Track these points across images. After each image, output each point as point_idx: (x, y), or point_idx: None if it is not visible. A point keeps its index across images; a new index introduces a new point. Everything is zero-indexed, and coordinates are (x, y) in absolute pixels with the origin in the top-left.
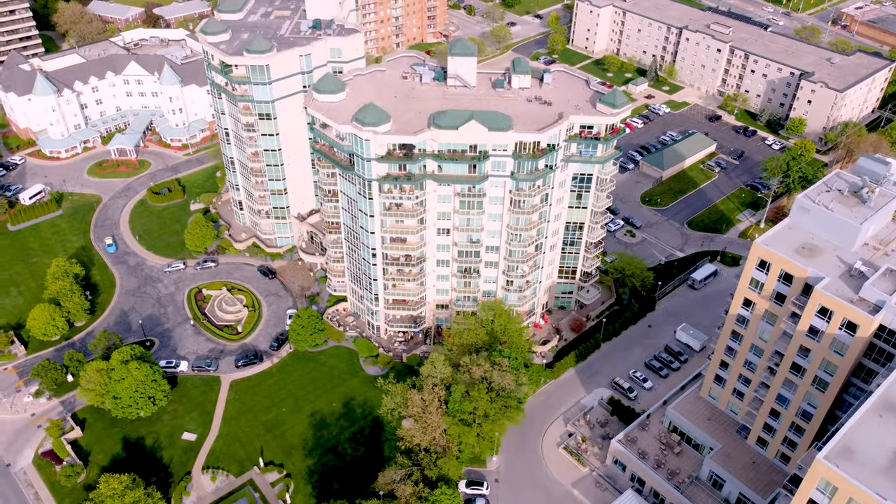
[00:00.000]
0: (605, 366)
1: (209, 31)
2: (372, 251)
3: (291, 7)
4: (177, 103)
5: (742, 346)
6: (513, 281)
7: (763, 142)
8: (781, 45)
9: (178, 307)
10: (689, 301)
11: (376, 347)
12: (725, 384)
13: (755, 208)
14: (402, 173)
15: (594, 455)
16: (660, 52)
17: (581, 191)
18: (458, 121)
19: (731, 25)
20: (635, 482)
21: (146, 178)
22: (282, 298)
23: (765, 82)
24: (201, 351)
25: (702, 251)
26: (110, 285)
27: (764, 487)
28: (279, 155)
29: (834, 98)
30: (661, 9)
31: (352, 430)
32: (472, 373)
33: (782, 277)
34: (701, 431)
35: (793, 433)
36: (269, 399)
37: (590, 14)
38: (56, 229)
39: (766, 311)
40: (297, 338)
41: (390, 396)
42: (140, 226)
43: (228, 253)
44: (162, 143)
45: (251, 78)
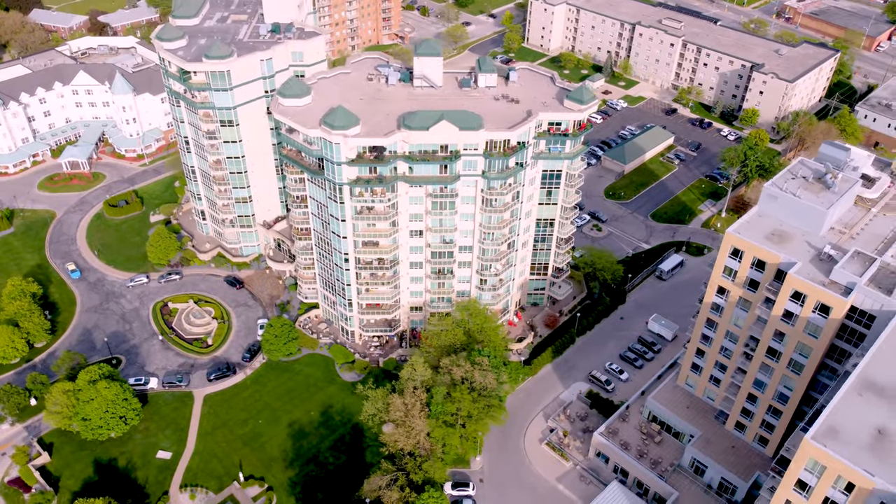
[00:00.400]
0: (580, 360)
1: (165, 37)
2: (344, 256)
3: (248, 11)
4: (130, 113)
5: (717, 333)
6: (486, 280)
7: (719, 133)
8: (731, 38)
9: (143, 322)
10: (657, 292)
11: (352, 353)
12: (702, 372)
13: (716, 198)
14: (372, 176)
15: (576, 449)
16: (614, 48)
17: (550, 187)
18: (429, 121)
19: (683, 20)
20: (619, 473)
21: (101, 190)
22: (251, 308)
23: (717, 75)
24: (171, 366)
25: (667, 242)
26: (70, 303)
27: (744, 470)
28: (243, 162)
29: (785, 88)
30: (613, 5)
31: (332, 438)
32: (453, 374)
33: (755, 264)
34: (680, 419)
35: (770, 416)
36: (245, 412)
37: (544, 12)
38: (8, 248)
39: (739, 298)
40: (270, 347)
41: (370, 402)
42: (98, 240)
43: (193, 264)
44: (116, 155)
45: (211, 84)
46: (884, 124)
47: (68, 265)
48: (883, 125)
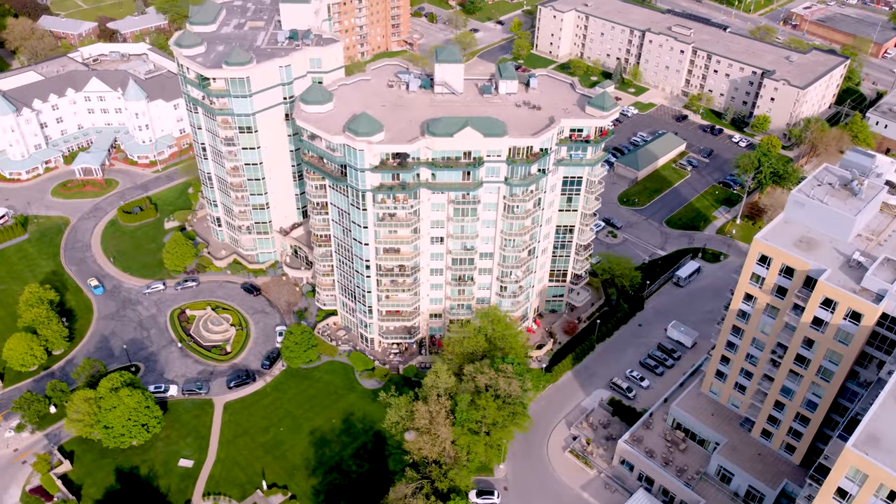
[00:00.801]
0: (600, 367)
1: (184, 43)
2: (366, 263)
3: (265, 18)
4: (143, 119)
5: (743, 340)
6: (506, 287)
7: (730, 139)
8: (741, 45)
9: (161, 329)
10: (675, 298)
11: (371, 360)
12: (727, 379)
13: (729, 205)
14: (395, 183)
15: (600, 457)
16: (623, 54)
17: (571, 194)
18: (454, 128)
19: (692, 27)
20: (643, 481)
21: (115, 197)
22: (269, 315)
23: (727, 81)
24: (190, 373)
25: (683, 249)
26: (87, 310)
27: (772, 478)
28: (260, 168)
29: (796, 95)
30: (622, 12)
31: (354, 446)
32: (477, 381)
33: (783, 271)
34: (705, 427)
35: (798, 423)
36: (266, 419)
37: (553, 19)
38: (23, 254)
39: (767, 305)
40: (290, 355)
41: (394, 410)
42: (113, 247)
43: (209, 271)
44: (128, 161)
45: (231, 91)
46: (894, 131)
47: (90, 281)
48: (894, 131)
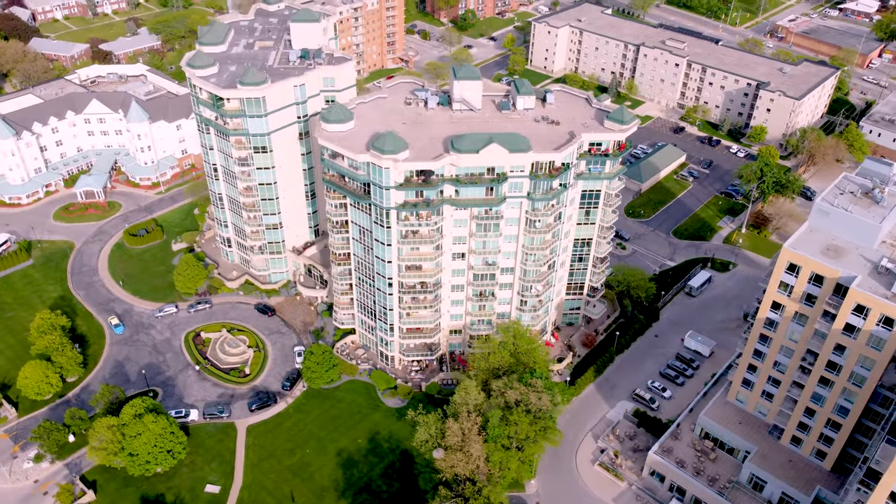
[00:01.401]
0: (621, 378)
1: (197, 64)
2: (388, 281)
3: (273, 38)
4: (145, 141)
5: (771, 348)
6: (527, 301)
7: (728, 150)
8: (734, 57)
9: (176, 353)
10: (688, 308)
11: (393, 379)
12: (754, 387)
13: (733, 214)
14: (419, 200)
15: (629, 469)
16: (618, 68)
17: (589, 207)
18: (479, 144)
19: (685, 41)
20: (675, 492)
21: (118, 220)
22: (285, 335)
23: (723, 93)
24: (210, 397)
25: (692, 259)
26: (98, 335)
27: (805, 485)
28: (275, 188)
29: (792, 105)
30: (615, 27)
31: (382, 465)
32: (507, 396)
33: (812, 279)
34: (734, 435)
35: (829, 429)
36: (291, 441)
37: (548, 35)
38: (29, 280)
39: (796, 313)
40: (311, 375)
41: (423, 428)
42: (121, 270)
43: (221, 292)
44: (130, 183)
45: (246, 111)
46: (888, 139)
47: (111, 319)
48: (888, 140)
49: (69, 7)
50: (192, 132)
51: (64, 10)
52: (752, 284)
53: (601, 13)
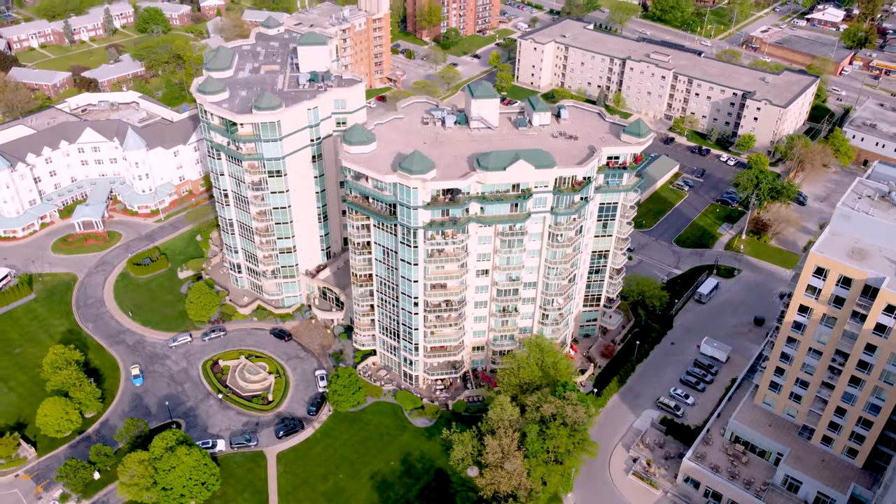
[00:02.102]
0: (643, 387)
1: (208, 90)
2: (414, 300)
3: (278, 61)
4: (143, 168)
5: (799, 350)
6: (548, 314)
7: (718, 159)
8: (717, 68)
9: (195, 383)
10: (699, 315)
11: (419, 398)
12: (781, 390)
13: (731, 221)
14: (446, 218)
15: (662, 476)
16: (605, 82)
17: (607, 219)
18: (505, 161)
19: (669, 53)
20: (710, 497)
21: (120, 249)
22: (304, 360)
23: (709, 104)
24: (235, 426)
25: (697, 266)
26: (113, 368)
27: (839, 483)
28: (289, 212)
29: (779, 114)
30: (599, 42)
31: (418, 487)
32: (543, 411)
33: (840, 282)
34: (766, 438)
35: (860, 428)
36: (323, 467)
37: (534, 51)
38: (33, 314)
39: (824, 316)
40: (338, 398)
41: (460, 446)
42: (129, 301)
43: (234, 319)
44: (128, 212)
45: (261, 135)
46: (871, 143)
47: (132, 369)
48: (871, 144)
49: (45, 35)
50: (189, 158)
51: (40, 38)
52: (757, 289)
53: (583, 28)
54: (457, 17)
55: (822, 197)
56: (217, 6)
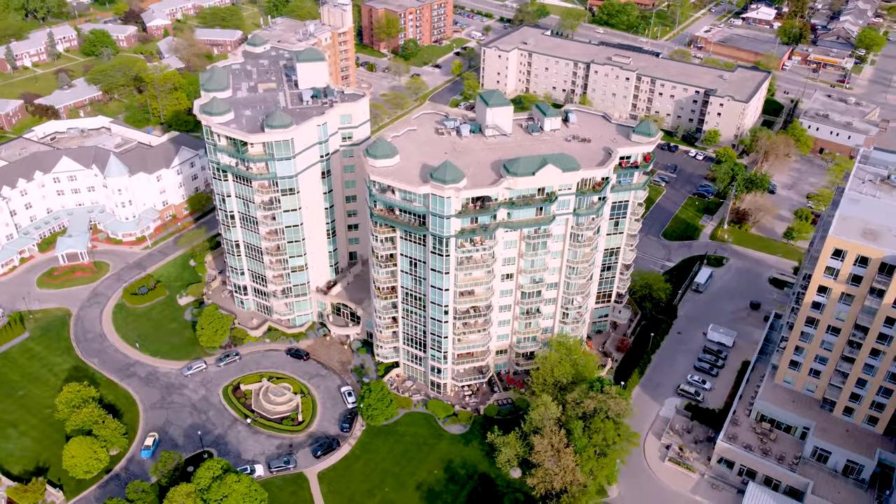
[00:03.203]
0: (661, 377)
1: (214, 111)
2: (444, 308)
3: (273, 79)
4: (126, 195)
5: (818, 329)
6: (568, 313)
7: (686, 154)
8: (676, 68)
9: (218, 410)
10: (698, 304)
11: (451, 406)
12: (801, 367)
13: (710, 213)
14: (476, 226)
15: (696, 460)
16: (569, 86)
17: (619, 217)
18: (534, 166)
19: (630, 56)
20: (744, 475)
21: (111, 280)
22: (326, 378)
23: (673, 102)
24: (269, 450)
25: (688, 258)
26: (129, 403)
27: (866, 450)
28: (301, 230)
29: (741, 108)
30: (560, 48)
31: (465, 493)
32: (585, 406)
33: (857, 261)
34: (791, 414)
35: (881, 396)
36: (367, 482)
37: (498, 58)
38: (31, 354)
39: (842, 294)
40: (372, 412)
41: (508, 448)
42: (131, 332)
43: (246, 342)
44: (112, 241)
45: (274, 154)
46: (826, 132)
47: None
48: (825, 133)
49: None
50: (172, 182)
51: None
52: (747, 275)
53: (542, 35)
54: (414, 28)
55: (789, 185)
56: (163, 26)
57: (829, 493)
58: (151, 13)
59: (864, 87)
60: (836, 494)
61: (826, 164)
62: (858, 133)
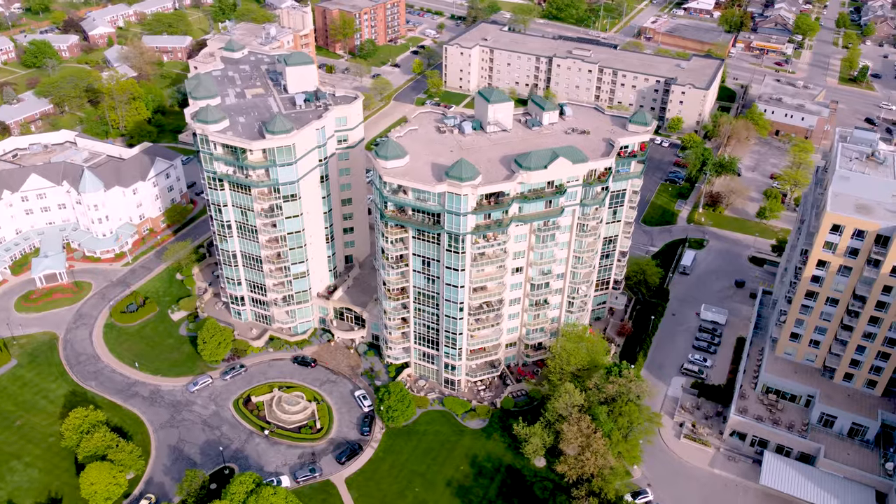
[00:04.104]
0: (663, 358)
1: (210, 119)
2: (459, 305)
3: (258, 84)
4: (102, 211)
5: (818, 301)
6: (573, 302)
7: (652, 142)
8: (636, 59)
9: (232, 424)
10: (686, 285)
11: (468, 402)
12: (801, 339)
13: (684, 198)
14: (490, 221)
15: (709, 435)
16: (532, 80)
17: (616, 206)
18: (545, 160)
19: (590, 49)
20: (756, 445)
21: (96, 299)
22: (337, 383)
23: (635, 92)
24: (291, 460)
25: (670, 242)
26: (136, 424)
27: (868, 412)
28: (303, 236)
29: (702, 96)
30: (519, 43)
31: (495, 486)
32: (607, 391)
33: (854, 234)
34: (796, 384)
35: (878, 361)
36: (397, 483)
37: (461, 56)
38: (22, 382)
39: (840, 267)
40: (393, 414)
41: (537, 437)
42: (126, 351)
43: (249, 353)
44: (90, 259)
45: (276, 160)
46: (780, 115)
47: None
48: (780, 115)
49: None
50: (148, 195)
51: None
52: (728, 255)
53: (500, 31)
54: (369, 28)
55: (752, 167)
56: (107, 34)
57: (839, 455)
58: (92, 21)
59: (806, 70)
60: (845, 456)
61: (783, 146)
62: (811, 115)
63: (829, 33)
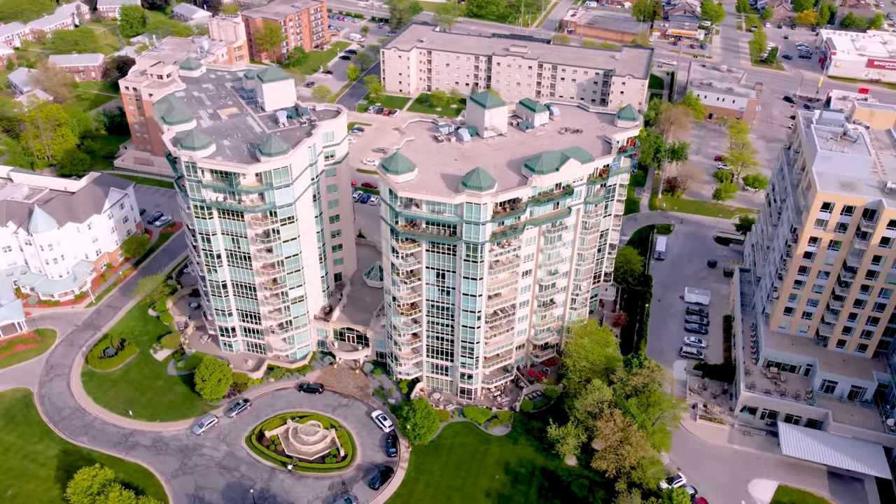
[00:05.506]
0: (659, 343)
1: (198, 145)
2: (477, 315)
3: (230, 104)
4: (57, 250)
5: (810, 275)
6: (576, 298)
7: None
8: (570, 52)
9: (249, 463)
10: (663, 271)
11: (489, 410)
12: (794, 312)
13: (640, 185)
14: (506, 228)
15: (721, 413)
16: (472, 79)
17: (608, 201)
18: (556, 162)
19: (526, 45)
20: (766, 417)
21: (63, 347)
22: (350, 407)
23: (575, 85)
24: (322, 492)
25: (639, 229)
26: (146, 476)
27: (864, 374)
28: (300, 259)
29: (641, 85)
30: (456, 43)
31: (534, 490)
32: (633, 383)
33: (844, 211)
34: (795, 354)
35: (869, 325)
36: (436, 501)
37: (399, 59)
38: (3, 447)
39: (831, 242)
40: (420, 432)
41: (571, 436)
42: (112, 400)
43: (250, 386)
44: (47, 303)
45: (273, 182)
46: (713, 99)
47: None
48: (712, 100)
49: None
50: (104, 228)
51: None
52: (694, 238)
53: (434, 32)
54: (295, 36)
55: (695, 150)
56: (6, 56)
57: (845, 418)
58: None
59: (720, 54)
60: (851, 417)
61: (720, 128)
62: (740, 97)
63: (732, 18)
